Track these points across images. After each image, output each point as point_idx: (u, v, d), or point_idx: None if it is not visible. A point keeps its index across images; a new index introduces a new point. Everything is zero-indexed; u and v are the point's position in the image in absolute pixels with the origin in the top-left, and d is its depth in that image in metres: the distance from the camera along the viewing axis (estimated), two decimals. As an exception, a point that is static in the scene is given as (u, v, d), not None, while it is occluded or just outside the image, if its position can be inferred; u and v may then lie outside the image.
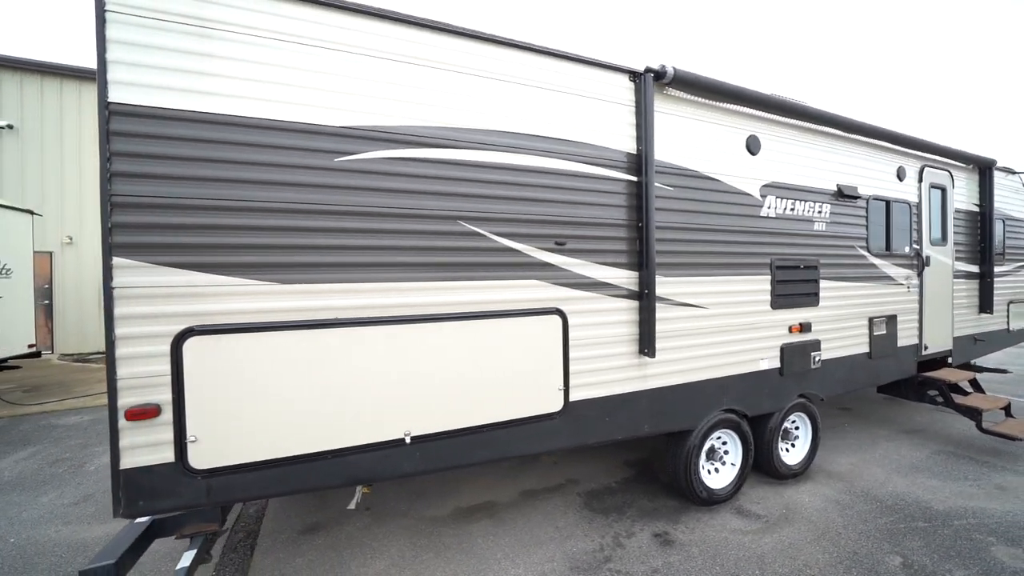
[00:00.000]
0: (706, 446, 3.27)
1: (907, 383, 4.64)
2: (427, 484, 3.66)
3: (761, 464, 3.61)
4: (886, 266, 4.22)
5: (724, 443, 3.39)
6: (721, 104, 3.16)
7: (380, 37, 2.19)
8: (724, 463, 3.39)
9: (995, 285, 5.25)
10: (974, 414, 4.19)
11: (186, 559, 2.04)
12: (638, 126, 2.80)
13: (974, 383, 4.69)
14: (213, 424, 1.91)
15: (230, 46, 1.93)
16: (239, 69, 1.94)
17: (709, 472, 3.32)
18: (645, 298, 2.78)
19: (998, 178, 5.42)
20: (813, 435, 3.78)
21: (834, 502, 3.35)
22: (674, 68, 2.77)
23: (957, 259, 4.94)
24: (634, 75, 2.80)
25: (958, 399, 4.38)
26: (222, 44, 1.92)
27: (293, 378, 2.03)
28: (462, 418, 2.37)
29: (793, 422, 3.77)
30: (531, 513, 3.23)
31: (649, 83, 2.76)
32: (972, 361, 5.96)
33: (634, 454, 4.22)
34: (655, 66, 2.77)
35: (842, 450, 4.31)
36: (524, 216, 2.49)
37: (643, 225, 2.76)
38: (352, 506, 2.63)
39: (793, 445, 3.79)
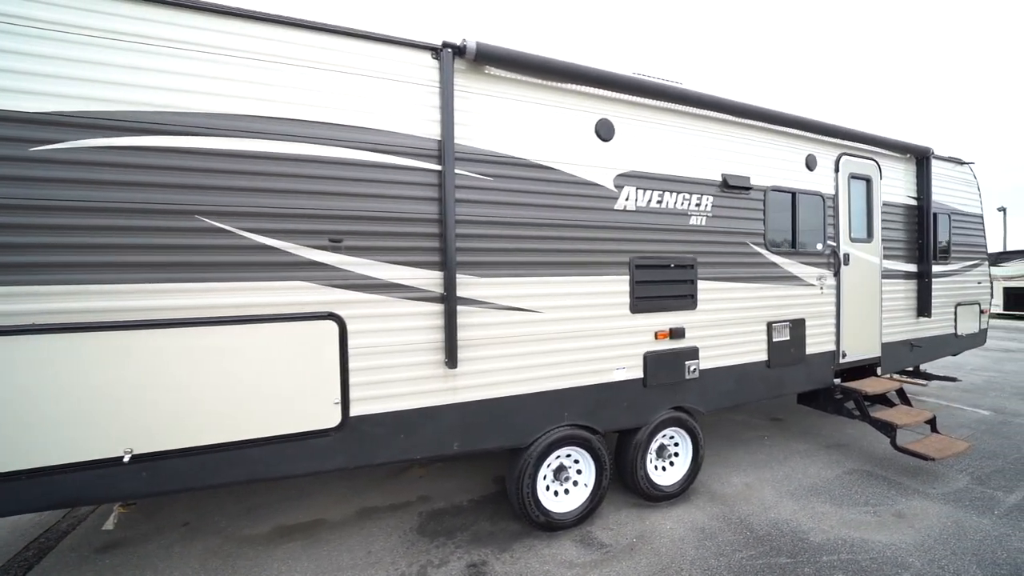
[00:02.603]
0: (550, 465, 2.94)
1: (825, 394, 4.21)
2: (265, 497, 3.40)
3: (629, 485, 3.27)
4: (791, 265, 3.80)
5: (576, 461, 3.06)
6: (558, 84, 2.83)
7: (90, 14, 1.92)
8: (577, 484, 3.06)
9: (937, 286, 4.76)
10: (888, 429, 3.75)
11: None
12: (442, 109, 2.50)
13: (901, 394, 4.23)
14: None
15: None
16: None
17: (557, 494, 2.99)
18: (447, 301, 2.48)
19: (942, 169, 4.93)
20: (694, 453, 3.41)
21: (699, 530, 2.99)
22: (476, 43, 2.45)
23: (888, 257, 4.48)
24: (437, 52, 2.50)
25: (875, 412, 3.94)
26: None
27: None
28: (204, 435, 2.09)
29: (671, 438, 3.41)
30: (354, 535, 2.95)
31: (448, 61, 2.45)
32: (923, 368, 5.49)
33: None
34: (456, 40, 2.46)
35: (745, 466, 3.92)
36: (285, 211, 2.20)
37: (443, 219, 2.46)
38: (109, 526, 2.40)
39: (671, 463, 3.42)
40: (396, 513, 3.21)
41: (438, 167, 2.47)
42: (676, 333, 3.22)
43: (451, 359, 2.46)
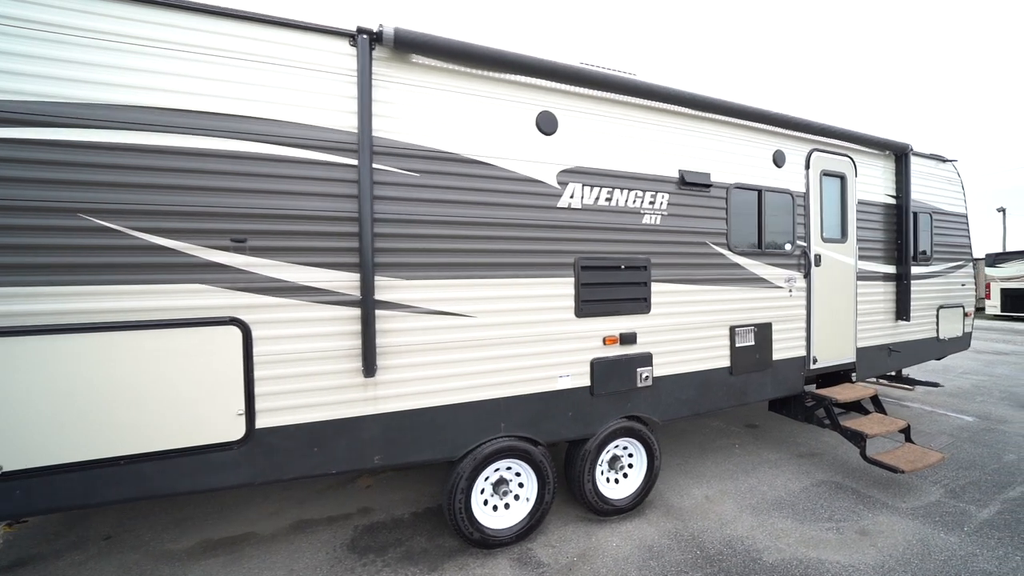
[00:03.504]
0: (488, 478, 2.78)
1: (795, 401, 4.03)
2: (201, 508, 3.25)
3: (577, 498, 3.10)
4: (756, 266, 3.62)
5: (518, 474, 2.89)
6: (493, 74, 2.66)
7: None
8: (519, 498, 2.89)
9: (917, 288, 4.57)
10: (858, 439, 3.56)
11: None
12: (359, 100, 2.33)
13: (876, 401, 4.04)
14: None
15: None
16: None
17: (496, 508, 2.83)
18: (363, 305, 2.31)
19: (924, 167, 4.73)
20: (649, 465, 3.24)
21: (646, 549, 2.82)
22: (395, 28, 2.28)
23: (864, 258, 4.29)
24: (354, 39, 2.33)
25: (845, 420, 3.76)
26: None
27: None
28: (87, 449, 1.94)
29: (625, 449, 3.24)
30: (281, 550, 2.79)
31: (365, 48, 2.28)
32: (905, 373, 5.29)
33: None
34: (372, 26, 2.29)
35: (709, 477, 3.74)
36: (180, 209, 2.04)
37: (359, 218, 2.30)
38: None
39: (625, 475, 3.25)
40: (332, 526, 3.06)
41: (354, 162, 2.30)
42: (627, 338, 3.04)
43: (368, 367, 2.29)
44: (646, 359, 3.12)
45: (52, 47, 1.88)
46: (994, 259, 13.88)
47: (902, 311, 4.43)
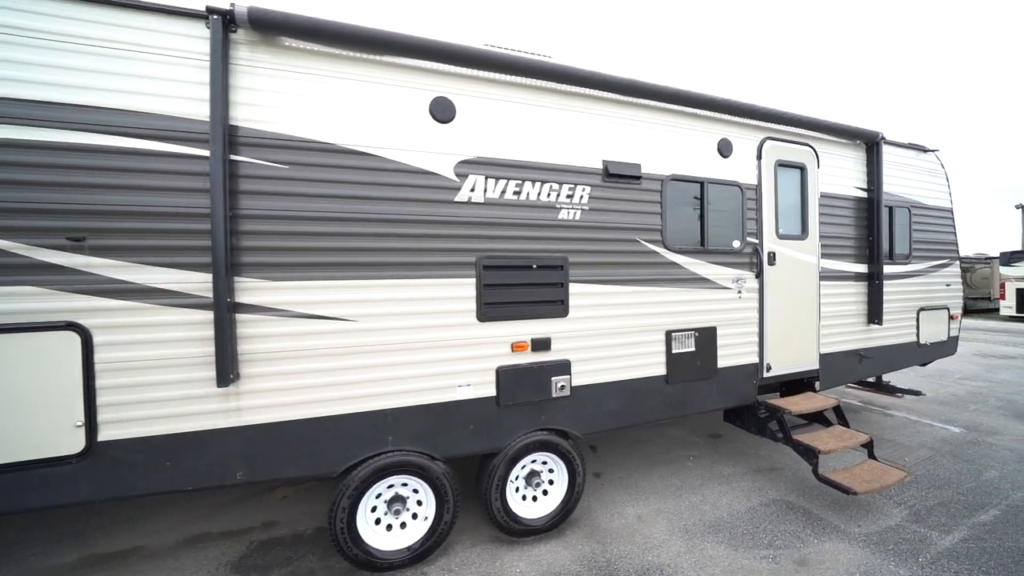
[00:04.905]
0: (380, 495, 2.56)
1: (749, 412, 3.72)
2: (97, 519, 3.10)
3: (487, 516, 2.86)
4: (697, 265, 3.33)
5: (416, 491, 2.67)
6: (376, 57, 2.45)
7: None
8: (416, 517, 2.68)
9: (893, 288, 4.19)
10: (811, 455, 3.24)
11: None
12: (211, 85, 2.14)
13: (838, 412, 3.69)
14: None
15: None
16: None
17: (391, 527, 2.61)
18: (216, 309, 2.12)
19: (900, 157, 4.34)
20: (570, 482, 2.99)
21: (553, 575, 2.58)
22: (248, 8, 2.09)
23: (830, 256, 3.94)
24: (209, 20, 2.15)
25: (800, 434, 3.43)
26: None
27: None
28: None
29: (545, 464, 3.00)
30: (165, 568, 2.62)
31: (218, 30, 2.10)
32: (885, 380, 4.90)
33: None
34: (224, 6, 2.10)
35: (649, 494, 3.46)
36: (11, 205, 1.89)
37: (211, 214, 2.11)
38: None
39: (545, 493, 3.00)
40: (227, 541, 2.89)
41: (207, 153, 2.13)
42: (539, 344, 2.80)
43: (222, 376, 2.11)
44: (563, 367, 2.87)
45: None
46: (1009, 258, 13.05)
47: (874, 314, 4.07)
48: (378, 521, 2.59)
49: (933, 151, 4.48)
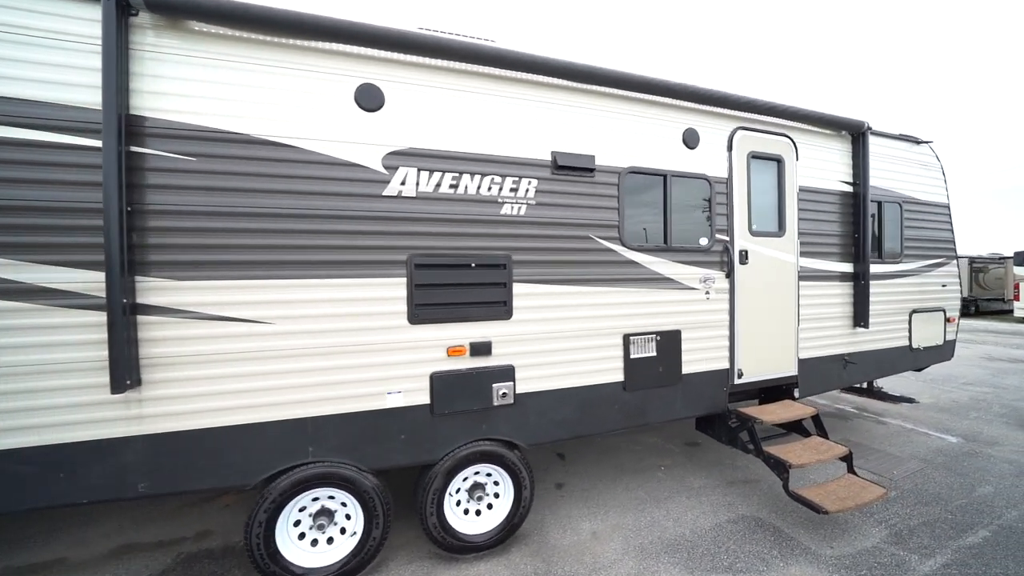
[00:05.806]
0: (305, 508, 2.40)
1: (720, 420, 3.48)
2: (20, 531, 2.99)
3: (423, 532, 2.69)
4: (659, 264, 3.11)
5: (344, 505, 2.51)
6: (293, 42, 2.29)
7: None
8: (345, 532, 2.51)
9: (881, 289, 3.91)
10: (781, 469, 3.00)
11: None
12: (103, 71, 2.00)
13: (817, 422, 3.44)
14: None
15: None
16: None
17: (316, 543, 2.46)
18: (109, 310, 1.98)
19: (891, 149, 4.06)
20: (516, 495, 2.80)
21: (488, 596, 2.40)
22: (143, -17, 1.96)
23: (811, 255, 3.68)
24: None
25: (772, 445, 3.19)
26: None
27: None
28: None
29: (490, 476, 2.81)
30: (82, 582, 2.52)
31: (111, 12, 1.95)
32: (878, 386, 4.61)
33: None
34: (123, -14, 1.96)
35: (611, 507, 3.25)
36: None
37: (104, 208, 1.97)
38: None
39: (490, 507, 2.82)
40: (155, 552, 2.77)
41: (99, 143, 1.99)
42: (479, 349, 2.62)
43: (117, 382, 1.97)
44: (505, 372, 2.68)
45: None
46: (1023, 257, 12.48)
47: (860, 316, 3.80)
48: (302, 536, 2.44)
49: (927, 143, 4.18)
